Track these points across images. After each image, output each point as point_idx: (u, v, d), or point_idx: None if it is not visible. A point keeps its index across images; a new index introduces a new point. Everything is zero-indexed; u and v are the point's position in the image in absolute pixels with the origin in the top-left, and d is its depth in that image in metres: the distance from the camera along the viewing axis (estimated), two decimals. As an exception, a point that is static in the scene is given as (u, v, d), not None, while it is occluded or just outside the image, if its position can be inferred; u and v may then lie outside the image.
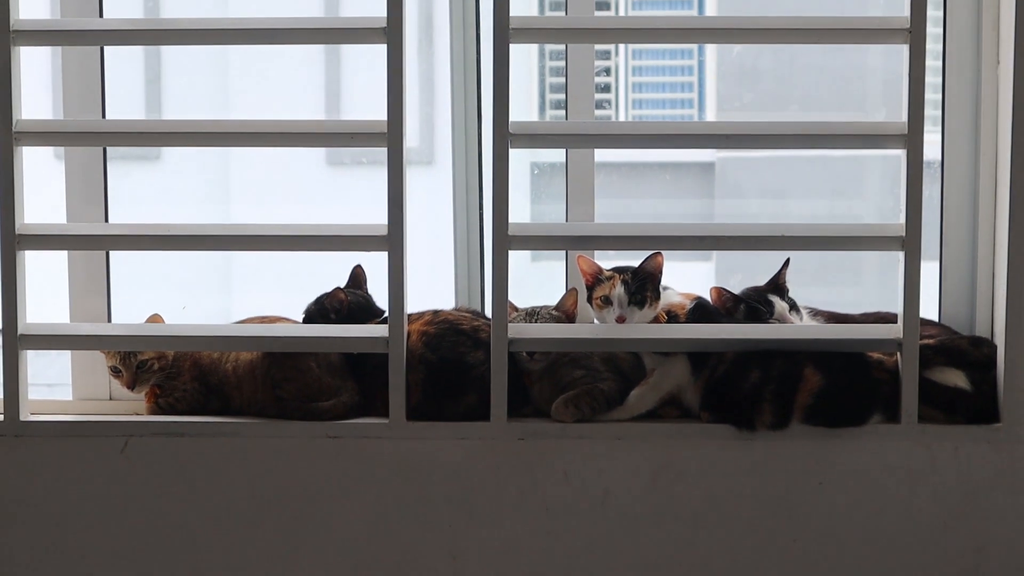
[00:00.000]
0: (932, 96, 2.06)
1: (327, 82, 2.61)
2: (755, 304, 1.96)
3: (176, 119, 2.40)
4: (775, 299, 1.98)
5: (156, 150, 2.57)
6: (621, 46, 2.51)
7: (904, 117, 1.84)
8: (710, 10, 2.62)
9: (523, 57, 2.29)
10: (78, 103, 2.11)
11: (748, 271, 2.16)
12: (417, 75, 2.33)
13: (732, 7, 2.63)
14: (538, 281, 2.20)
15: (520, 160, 2.32)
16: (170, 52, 2.60)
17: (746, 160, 2.61)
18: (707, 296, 2.03)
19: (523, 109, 2.33)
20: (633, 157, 2.52)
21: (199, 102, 2.64)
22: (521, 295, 2.05)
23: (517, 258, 2.05)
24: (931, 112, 2.05)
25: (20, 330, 1.98)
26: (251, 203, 2.64)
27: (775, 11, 2.20)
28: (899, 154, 1.92)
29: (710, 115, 2.62)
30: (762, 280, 2.04)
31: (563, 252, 2.14)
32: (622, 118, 2.54)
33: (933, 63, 2.04)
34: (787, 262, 1.99)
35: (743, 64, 2.47)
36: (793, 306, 2.01)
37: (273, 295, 2.31)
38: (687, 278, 2.14)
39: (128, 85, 2.31)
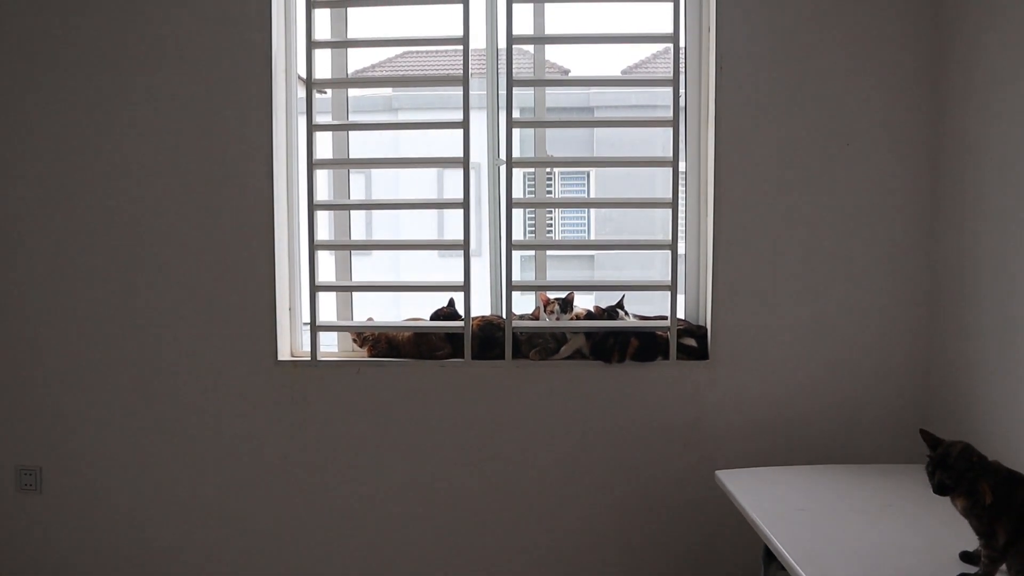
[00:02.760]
0: (684, 228, 2.95)
1: (438, 219, 3.75)
2: (614, 312, 2.87)
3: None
4: (620, 311, 2.89)
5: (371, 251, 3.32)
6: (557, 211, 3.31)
7: (669, 236, 2.81)
8: (593, 192, 3.82)
9: (520, 212, 3.01)
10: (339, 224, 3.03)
11: (610, 301, 2.96)
12: (487, 219, 3.05)
13: (601, 190, 3.78)
14: (530, 303, 3.04)
15: (526, 257, 3.32)
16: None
17: (608, 255, 3.76)
18: (593, 308, 2.86)
19: (519, 227, 3.19)
20: (562, 253, 3.50)
21: (387, 227, 3.65)
22: (526, 309, 3.01)
23: (521, 295, 2.99)
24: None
25: (316, 319, 2.88)
26: (410, 272, 3.62)
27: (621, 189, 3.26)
28: (666, 252, 2.86)
29: (593, 235, 3.68)
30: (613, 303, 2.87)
31: (534, 292, 3.02)
32: (556, 234, 3.46)
33: (683, 215, 2.99)
34: (623, 297, 2.91)
35: (608, 215, 3.68)
36: (626, 312, 2.89)
37: (420, 311, 3.05)
38: (583, 302, 3.02)
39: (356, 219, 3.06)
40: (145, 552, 2.99)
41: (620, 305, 2.95)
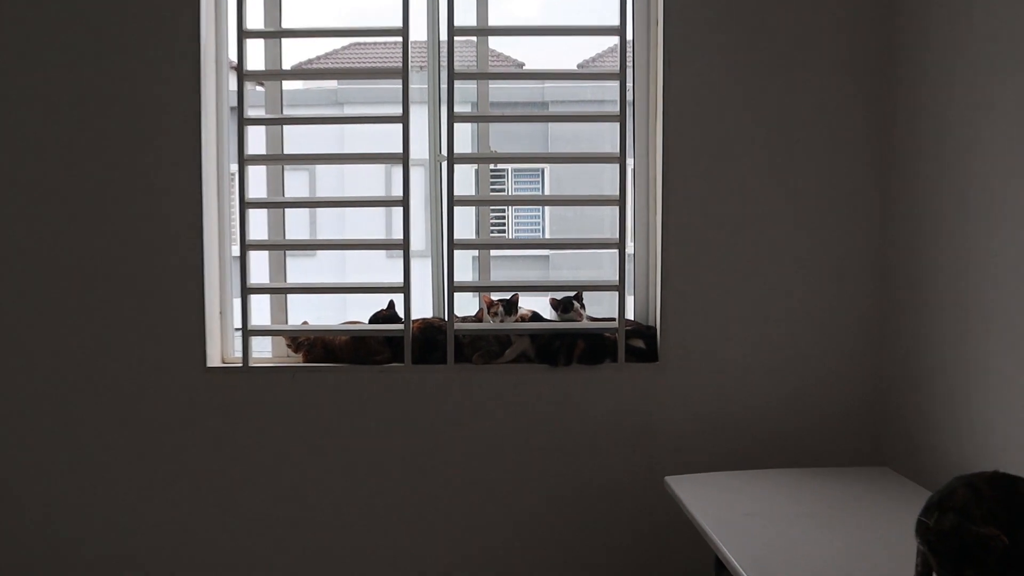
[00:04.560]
0: (632, 226, 3.03)
1: (386, 218, 3.85)
2: (570, 303, 2.90)
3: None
4: (576, 303, 2.91)
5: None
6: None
7: (617, 234, 2.81)
8: (547, 190, 3.99)
9: (468, 209, 3.07)
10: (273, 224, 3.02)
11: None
12: (425, 217, 3.04)
13: (556, 187, 4.00)
14: (475, 305, 3.02)
15: (468, 255, 3.39)
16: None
17: (563, 255, 4.10)
18: (546, 306, 2.89)
19: (467, 229, 3.24)
20: (515, 253, 3.73)
21: (332, 225, 3.79)
22: (469, 310, 2.98)
23: (465, 296, 2.92)
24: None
25: (248, 323, 2.85)
26: (356, 273, 3.76)
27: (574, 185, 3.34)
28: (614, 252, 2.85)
29: (548, 233, 4.01)
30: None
31: (478, 294, 3.02)
32: (510, 235, 3.72)
33: (630, 213, 3.03)
34: (579, 293, 2.94)
35: (562, 213, 3.96)
36: (583, 305, 2.92)
37: (365, 314, 3.04)
38: (536, 304, 3.07)
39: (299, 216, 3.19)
40: (61, 568, 2.90)
41: (577, 297, 2.95)
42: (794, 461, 2.80)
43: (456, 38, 2.71)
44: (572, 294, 2.94)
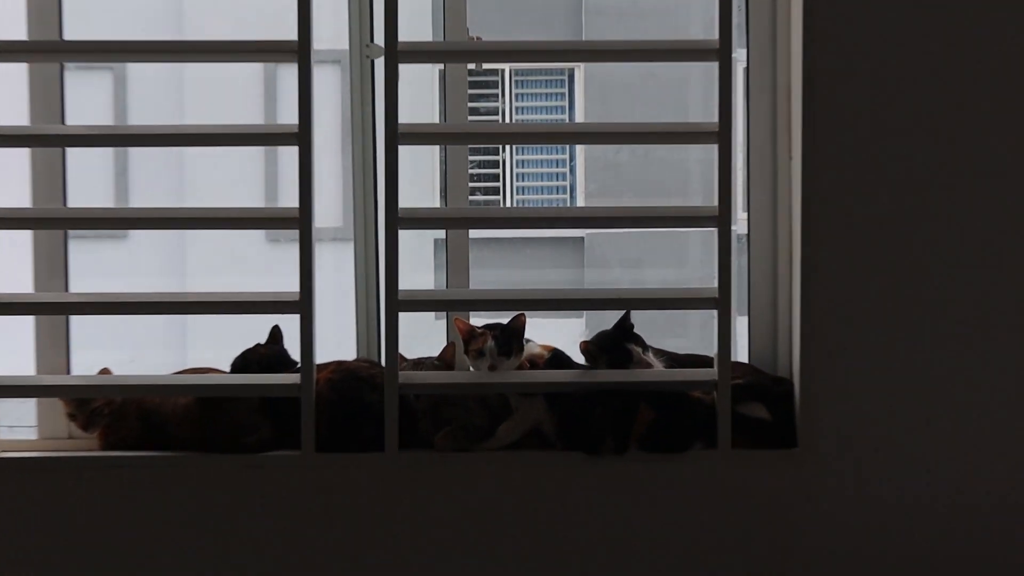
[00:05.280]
0: (744, 184, 2.54)
1: (266, 173, 3.20)
2: (619, 357, 2.32)
3: (116, 207, 2.94)
4: (631, 347, 2.34)
5: (123, 232, 3.19)
6: (508, 147, 3.11)
7: (715, 201, 2.25)
8: (579, 115, 3.33)
9: (428, 153, 2.77)
10: (46, 192, 2.51)
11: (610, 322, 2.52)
12: (341, 168, 2.73)
13: (595, 108, 3.30)
14: (442, 336, 2.57)
15: (425, 239, 2.86)
16: (134, 149, 3.23)
17: (609, 236, 3.25)
18: (575, 350, 2.41)
19: (427, 195, 2.84)
20: (519, 235, 3.11)
21: (162, 189, 3.24)
22: (429, 347, 2.46)
23: (423, 319, 2.54)
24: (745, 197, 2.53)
25: None
26: (205, 274, 3.19)
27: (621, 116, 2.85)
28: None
29: (580, 200, 3.26)
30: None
31: (444, 316, 2.55)
32: (508, 203, 3.13)
33: (742, 158, 2.50)
34: (627, 313, 2.39)
35: (606, 159, 3.11)
36: (643, 345, 2.38)
37: (221, 351, 2.59)
38: (562, 331, 2.65)
39: (99, 174, 3.02)
40: None
41: (627, 327, 2.40)
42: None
43: None
44: (620, 324, 2.43)
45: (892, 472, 2.41)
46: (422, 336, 2.56)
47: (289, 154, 2.44)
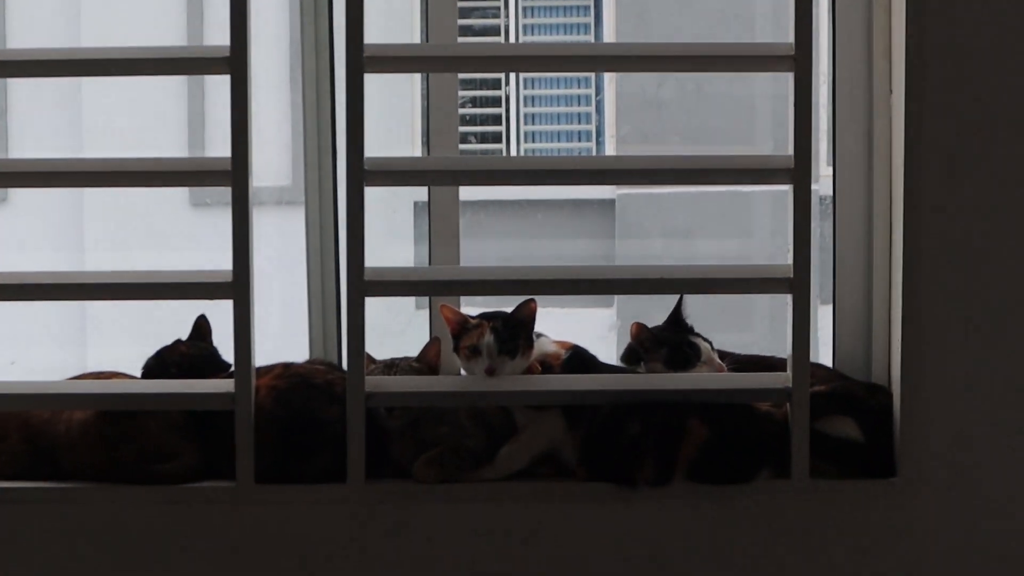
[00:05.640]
0: (828, 128, 2.32)
1: (190, 116, 2.95)
2: (682, 347, 2.12)
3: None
4: (700, 342, 2.15)
5: (3, 192, 3.00)
6: (512, 76, 2.86)
7: (790, 150, 2.02)
8: (608, 35, 3.12)
9: (405, 88, 2.59)
10: None
11: (652, 317, 2.33)
12: (290, 108, 2.56)
13: (629, 26, 3.08)
14: (424, 331, 2.39)
15: (403, 199, 2.66)
16: (16, 85, 2.98)
17: (648, 197, 3.02)
18: (602, 347, 2.23)
19: (403, 141, 2.65)
20: (528, 194, 2.87)
21: (50, 139, 3.04)
22: (406, 348, 2.23)
23: (401, 306, 2.39)
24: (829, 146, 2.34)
25: None
26: (108, 248, 2.97)
27: (665, 36, 2.68)
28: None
29: (609, 148, 3.05)
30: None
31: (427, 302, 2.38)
32: (513, 151, 2.94)
33: (825, 93, 2.30)
34: (681, 298, 2.19)
35: (644, 95, 2.91)
36: (702, 337, 2.20)
37: (130, 349, 2.43)
38: (587, 323, 2.45)
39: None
40: None
41: (679, 324, 2.17)
42: None
43: None
44: (666, 323, 2.20)
45: (1018, 509, 2.17)
46: (397, 331, 2.43)
47: (219, 86, 2.29)
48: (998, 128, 2.13)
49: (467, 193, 2.40)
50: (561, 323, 2.33)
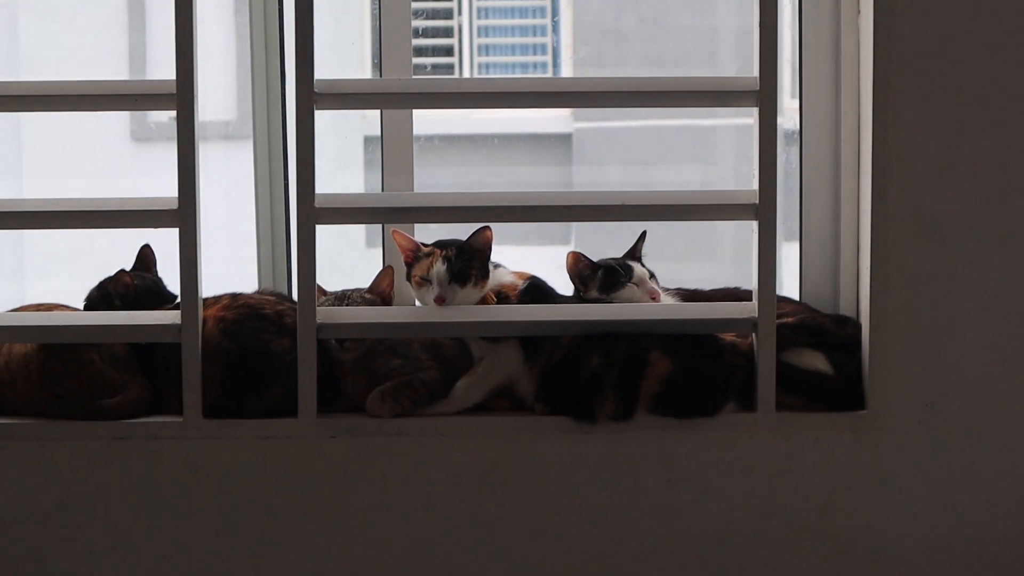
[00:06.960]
0: (793, 58, 2.33)
1: (131, 46, 2.90)
2: (613, 266, 2.15)
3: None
4: (634, 264, 2.16)
5: None
6: (465, 4, 2.82)
7: (756, 72, 1.97)
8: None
9: (355, 9, 2.55)
10: None
11: (612, 254, 2.29)
12: (235, 26, 2.50)
13: None
14: (374, 268, 2.35)
15: (354, 130, 2.63)
16: None
17: (607, 132, 2.98)
18: (560, 279, 2.21)
19: (354, 64, 2.62)
20: (483, 128, 2.83)
21: None
22: (356, 285, 2.20)
23: (350, 242, 2.37)
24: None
25: None
26: (46, 179, 2.88)
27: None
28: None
29: (567, 71, 2.99)
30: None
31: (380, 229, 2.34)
32: (466, 65, 2.94)
33: (790, 13, 2.25)
34: (643, 235, 2.18)
35: (603, 24, 2.85)
36: (652, 276, 2.20)
37: (73, 282, 2.42)
38: (545, 261, 2.35)
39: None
40: None
41: (634, 257, 2.17)
42: None
43: None
44: (623, 256, 2.18)
45: (990, 446, 2.17)
46: (347, 269, 2.38)
47: (161, 13, 2.36)
48: (971, 44, 2.09)
49: (421, 127, 2.33)
50: (518, 260, 2.29)
